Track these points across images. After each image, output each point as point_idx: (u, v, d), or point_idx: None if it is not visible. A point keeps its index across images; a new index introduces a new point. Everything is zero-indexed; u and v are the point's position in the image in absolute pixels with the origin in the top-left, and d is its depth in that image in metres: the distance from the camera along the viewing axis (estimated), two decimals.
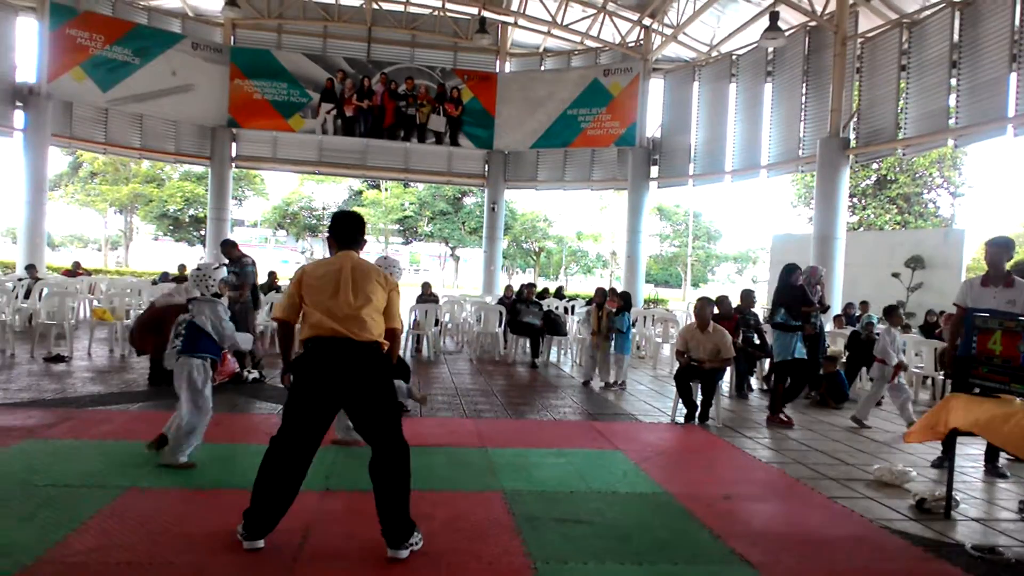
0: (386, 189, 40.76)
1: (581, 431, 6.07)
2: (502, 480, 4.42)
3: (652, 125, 19.61)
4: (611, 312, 8.57)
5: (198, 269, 4.68)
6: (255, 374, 7.53)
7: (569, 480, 4.52)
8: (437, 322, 11.12)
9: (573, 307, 13.67)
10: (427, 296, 11.75)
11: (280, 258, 43.81)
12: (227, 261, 7.74)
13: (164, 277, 14.21)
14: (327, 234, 3.50)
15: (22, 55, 17.08)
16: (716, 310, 7.65)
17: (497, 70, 20.44)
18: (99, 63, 17.36)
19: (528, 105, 19.96)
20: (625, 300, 8.75)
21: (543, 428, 6.15)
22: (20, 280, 12.21)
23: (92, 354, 9.01)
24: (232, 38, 19.38)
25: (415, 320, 10.62)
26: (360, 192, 42.15)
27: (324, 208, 43.42)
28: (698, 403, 6.60)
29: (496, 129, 20.08)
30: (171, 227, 37.67)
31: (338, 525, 3.53)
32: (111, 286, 13.05)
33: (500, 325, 11.10)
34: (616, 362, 8.54)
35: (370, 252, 47.59)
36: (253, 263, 8.05)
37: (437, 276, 44.81)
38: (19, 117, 16.90)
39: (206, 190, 24.73)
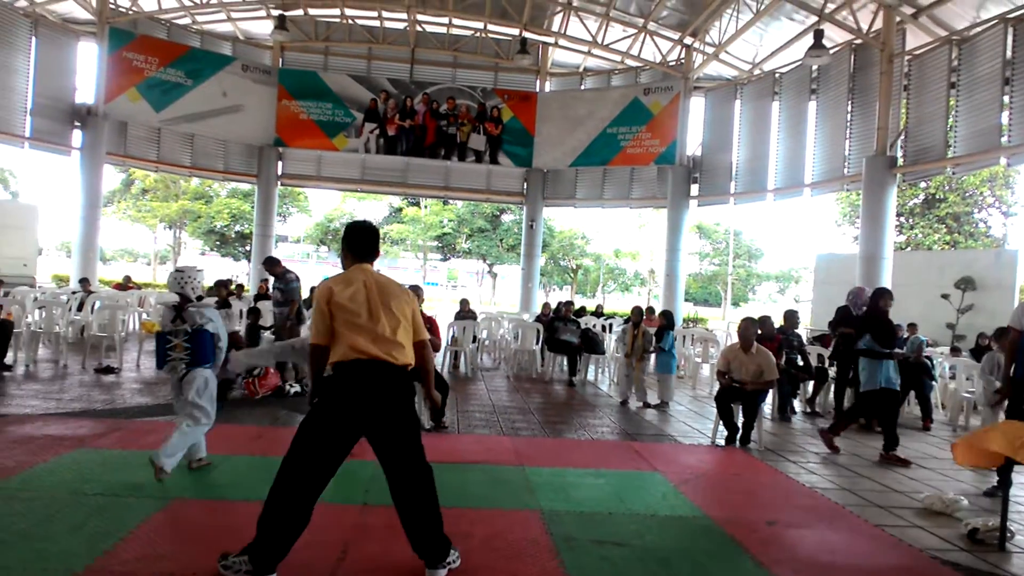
0: (425, 206, 41.25)
1: (619, 451, 6.01)
2: (540, 499, 4.40)
3: (692, 143, 19.50)
4: (647, 331, 8.50)
5: (180, 271, 4.44)
6: (297, 388, 7.66)
7: (607, 501, 4.48)
8: (475, 339, 11.16)
9: (611, 325, 13.59)
10: (465, 313, 11.82)
11: (322, 273, 44.61)
12: (271, 277, 7.92)
13: (211, 292, 14.54)
14: (344, 245, 3.31)
15: (82, 77, 17.90)
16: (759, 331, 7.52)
17: (537, 89, 20.61)
18: (153, 84, 18.05)
19: (568, 124, 20.07)
20: (668, 319, 8.66)
21: (581, 447, 6.11)
22: (74, 293, 12.67)
23: (140, 366, 9.28)
24: (280, 60, 19.98)
25: (453, 336, 10.68)
26: (400, 209, 42.73)
27: None
28: (739, 425, 6.48)
29: (535, 147, 20.22)
30: (218, 242, 38.67)
31: (376, 542, 3.55)
32: (160, 300, 13.41)
33: (537, 343, 11.09)
34: (661, 382, 8.45)
35: (408, 269, 48.11)
36: (297, 278, 8.22)
37: (474, 293, 45.01)
38: (77, 136, 17.65)
39: (252, 207, 25.38)
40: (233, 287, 14.81)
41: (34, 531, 3.40)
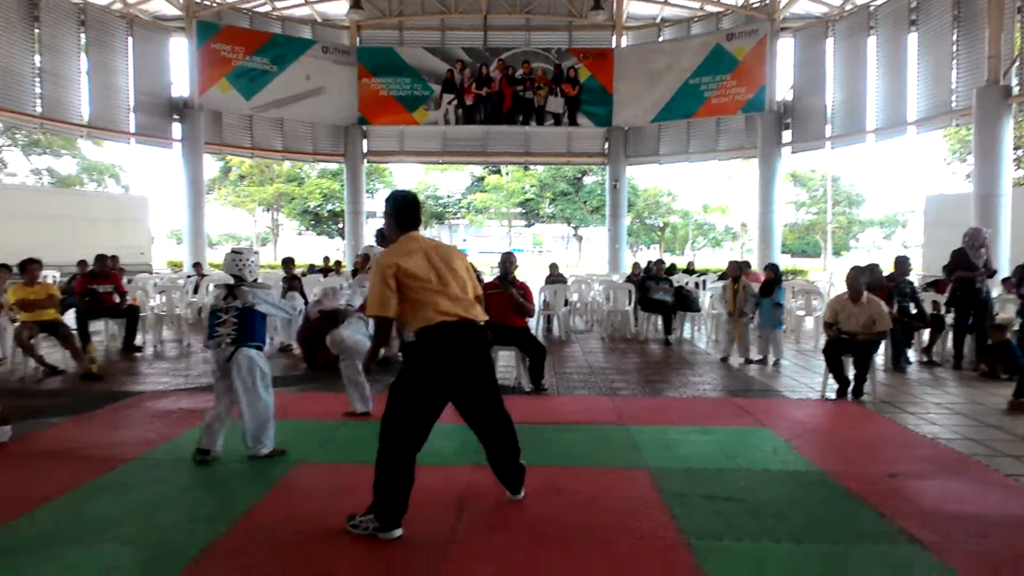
0: (507, 173, 41.31)
1: (724, 408, 5.91)
2: (646, 457, 4.40)
3: (782, 88, 18.53)
4: (748, 286, 8.24)
5: (237, 253, 4.38)
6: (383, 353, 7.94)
7: (715, 457, 4.43)
8: (566, 302, 11.18)
9: (704, 282, 13.27)
10: (555, 277, 11.84)
11: None
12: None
13: (312, 269, 15.22)
14: (391, 217, 3.34)
15: (176, 72, 18.91)
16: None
17: (613, 45, 20.08)
18: (241, 73, 18.82)
19: (647, 78, 19.49)
20: (775, 272, 8.35)
21: (683, 405, 6.05)
22: (188, 277, 13.57)
23: None
24: (358, 39, 20.33)
25: (545, 300, 10.74)
26: (482, 178, 43.02)
27: (448, 196, 44.75)
28: (850, 378, 6.23)
29: (615, 105, 19.79)
30: (312, 222, 40.27)
31: (490, 498, 3.67)
32: (268, 279, 14.14)
33: (630, 303, 10.99)
34: (770, 339, 8.13)
35: (492, 237, 48.34)
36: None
37: (561, 257, 44.93)
38: (176, 129, 18.72)
39: (341, 186, 26.20)
40: (331, 263, 15.44)
41: (180, 496, 3.72)
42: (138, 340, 9.09)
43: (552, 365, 7.63)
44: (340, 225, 37.07)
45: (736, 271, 8.40)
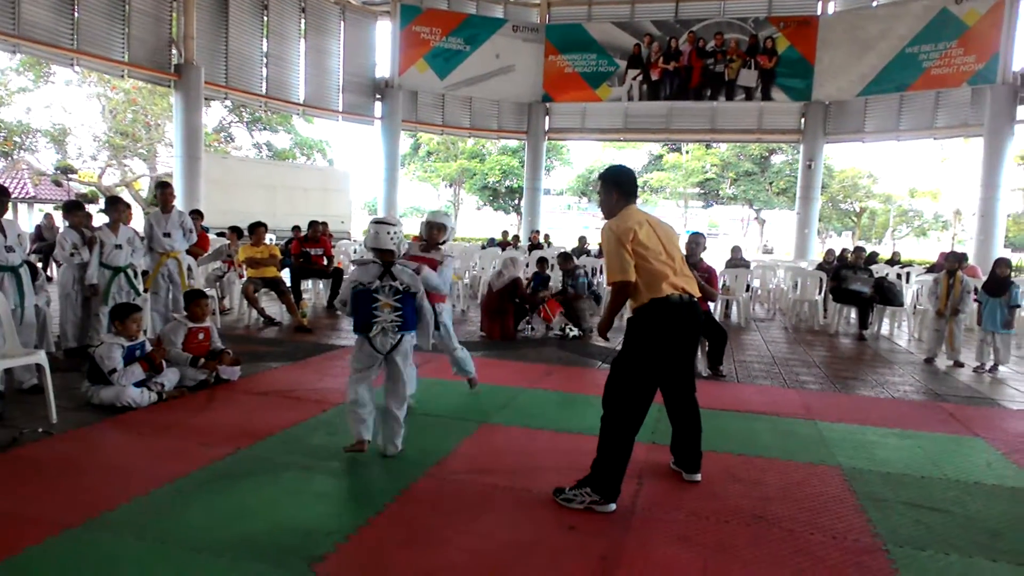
0: (687, 151, 39.87)
1: (928, 412, 5.37)
2: (837, 455, 4.14)
3: (1021, 57, 16.07)
4: (965, 281, 7.35)
5: (386, 224, 3.78)
6: (576, 332, 8.08)
7: (918, 464, 4.07)
8: (747, 287, 10.69)
9: (908, 274, 12.03)
10: (736, 261, 11.34)
11: (582, 224, 45.87)
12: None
13: (491, 242, 15.85)
14: (614, 188, 3.36)
15: (380, 54, 20.34)
16: None
17: (819, 12, 18.51)
18: (437, 54, 19.83)
19: (856, 47, 17.79)
20: (1010, 268, 7.34)
21: (880, 405, 5.58)
22: None
23: None
24: (547, 16, 20.55)
25: (725, 285, 10.34)
26: (660, 156, 41.88)
27: None
28: None
29: (816, 78, 18.32)
30: (490, 197, 41.71)
31: (665, 477, 3.67)
32: (451, 250, 14.96)
33: (820, 292, 10.26)
34: (996, 342, 7.15)
35: (665, 217, 47.05)
36: (585, 274, 8.89)
37: (739, 241, 42.73)
38: (378, 107, 20.20)
39: (520, 163, 26.83)
40: (509, 237, 15.95)
41: (378, 445, 4.11)
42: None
43: (731, 352, 7.37)
44: (516, 201, 38.05)
45: (954, 264, 7.52)
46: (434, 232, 4.94)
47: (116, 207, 6.29)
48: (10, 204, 5.36)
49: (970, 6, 16.20)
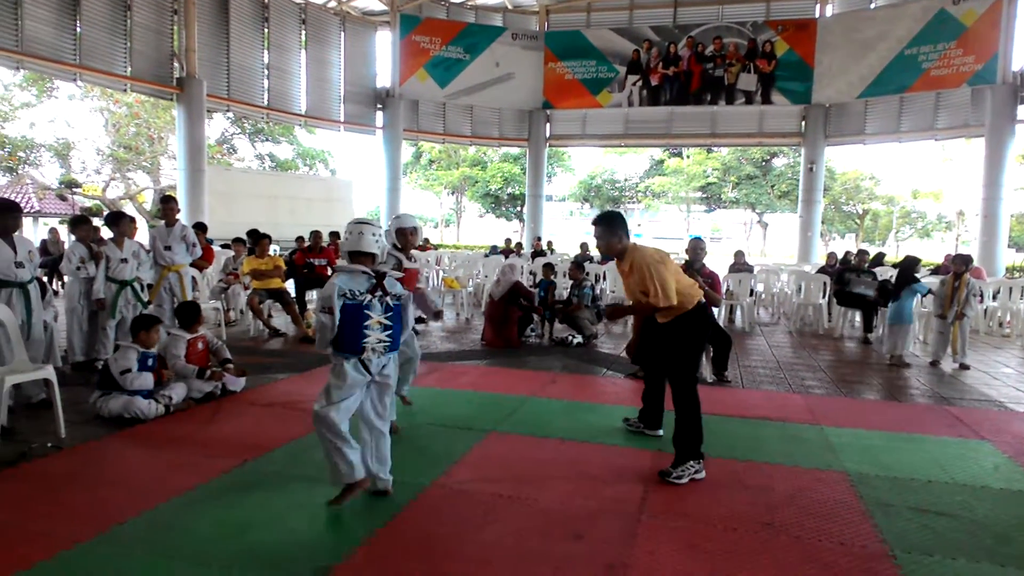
0: (688, 156, 39.92)
1: (933, 416, 5.37)
2: (844, 460, 4.14)
3: (1021, 56, 16.09)
4: (971, 283, 7.35)
5: (368, 224, 3.31)
6: (579, 339, 8.08)
7: (925, 468, 4.06)
8: (751, 292, 10.69)
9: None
10: (739, 265, 11.35)
11: (584, 230, 45.86)
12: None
13: (494, 250, 15.88)
14: (620, 230, 4.01)
15: (380, 64, 20.45)
16: None
17: (817, 15, 18.58)
18: (437, 63, 19.92)
19: (855, 49, 17.84)
20: None
21: (885, 409, 5.58)
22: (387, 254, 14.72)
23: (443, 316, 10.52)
24: (546, 24, 20.64)
25: (728, 289, 10.33)
26: (661, 161, 41.92)
27: (626, 180, 44.20)
28: None
29: (816, 80, 18.38)
30: (492, 204, 41.78)
31: (671, 487, 3.67)
32: (454, 259, 15.03)
33: (823, 296, 10.26)
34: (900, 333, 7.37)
35: (665, 223, 46.94)
36: (592, 286, 8.94)
37: (742, 245, 42.70)
38: (379, 117, 20.29)
39: (522, 170, 26.88)
40: (512, 244, 15.97)
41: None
42: None
43: (736, 357, 7.37)
44: (518, 208, 38.11)
45: (961, 266, 7.50)
46: (409, 237, 4.49)
47: (120, 221, 6.33)
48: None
49: (968, 6, 16.24)
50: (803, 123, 19.28)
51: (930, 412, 5.51)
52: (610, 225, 4.00)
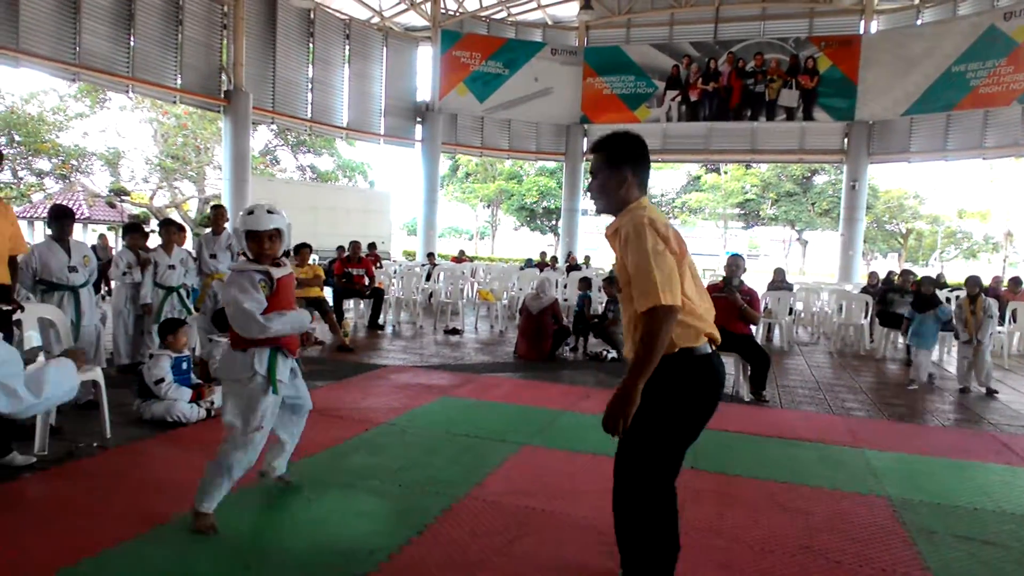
0: (726, 172, 39.55)
1: (980, 442, 5.20)
2: (886, 485, 4.03)
3: None
4: (988, 305, 7.08)
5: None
6: (614, 354, 8.04)
7: (970, 495, 3.94)
8: (790, 311, 10.51)
9: (958, 296, 11.67)
10: (779, 283, 11.18)
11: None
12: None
13: (529, 263, 15.91)
14: (626, 167, 2.34)
15: (421, 78, 20.75)
16: None
17: (862, 31, 18.29)
18: (477, 78, 20.12)
19: (900, 66, 17.50)
20: None
21: (929, 433, 5.43)
22: (423, 265, 14.89)
23: (478, 328, 10.57)
24: (585, 39, 20.71)
25: (767, 307, 10.18)
26: (698, 177, 41.61)
27: (662, 195, 43.95)
28: None
29: (859, 97, 18.04)
30: (528, 218, 41.91)
31: (708, 505, 3.62)
32: (489, 271, 15.10)
33: (866, 316, 10.04)
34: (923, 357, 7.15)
35: (702, 239, 46.57)
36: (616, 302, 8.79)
37: (781, 262, 41.97)
38: (418, 131, 20.56)
39: (558, 184, 26.92)
40: (547, 258, 15.98)
41: (424, 460, 4.15)
42: (380, 319, 10.20)
43: (774, 376, 7.25)
44: (553, 222, 38.13)
45: (975, 288, 7.25)
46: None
47: (168, 229, 6.52)
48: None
49: (1020, 23, 15.83)
50: (846, 140, 18.95)
51: (976, 437, 5.34)
52: (611, 156, 2.34)
